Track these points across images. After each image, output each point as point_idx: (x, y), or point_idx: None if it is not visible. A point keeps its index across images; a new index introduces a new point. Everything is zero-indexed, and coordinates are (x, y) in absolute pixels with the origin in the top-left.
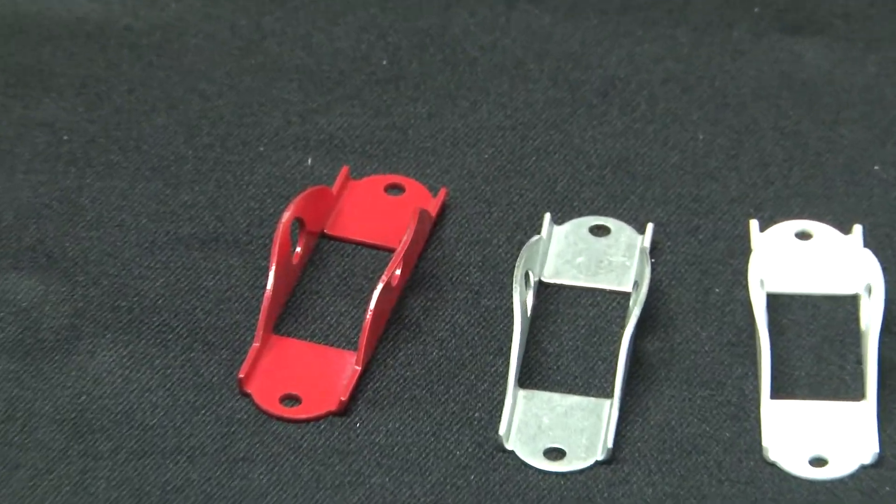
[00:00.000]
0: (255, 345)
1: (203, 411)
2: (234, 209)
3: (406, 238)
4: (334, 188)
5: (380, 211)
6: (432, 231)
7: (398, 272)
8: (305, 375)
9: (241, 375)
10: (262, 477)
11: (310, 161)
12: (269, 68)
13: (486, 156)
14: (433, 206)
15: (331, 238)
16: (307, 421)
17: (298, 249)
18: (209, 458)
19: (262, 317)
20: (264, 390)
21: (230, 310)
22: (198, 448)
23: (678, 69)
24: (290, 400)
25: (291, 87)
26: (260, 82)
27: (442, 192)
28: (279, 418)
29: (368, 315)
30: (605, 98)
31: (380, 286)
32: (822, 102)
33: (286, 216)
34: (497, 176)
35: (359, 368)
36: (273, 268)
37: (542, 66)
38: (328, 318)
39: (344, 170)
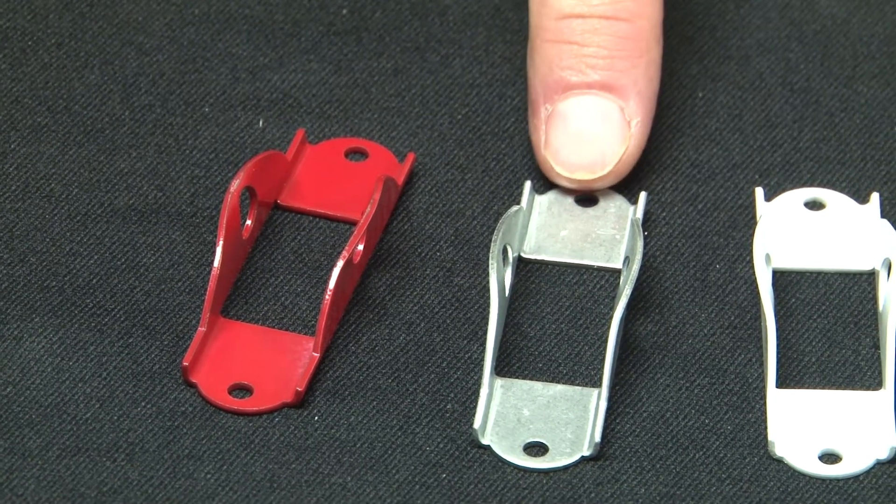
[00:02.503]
0: (201, 329)
1: (143, 403)
2: (177, 177)
3: (369, 209)
4: (289, 153)
5: (340, 179)
6: (399, 201)
7: (361, 247)
8: (257, 363)
9: (186, 363)
10: (209, 476)
11: (261, 123)
12: (215, 19)
13: (460, 116)
14: (400, 174)
15: (285, 209)
16: (260, 414)
17: (249, 222)
18: (150, 455)
19: (208, 298)
20: (212, 380)
21: (173, 290)
22: (137, 444)
23: (675, 17)
24: (241, 390)
25: (240, 40)
26: (204, 34)
27: (409, 158)
28: (228, 411)
29: (327, 296)
30: None
31: (340, 263)
32: (837, 55)
33: (235, 185)
34: (471, 139)
35: (317, 355)
36: (220, 243)
37: (522, 14)
38: (282, 298)
39: (299, 133)
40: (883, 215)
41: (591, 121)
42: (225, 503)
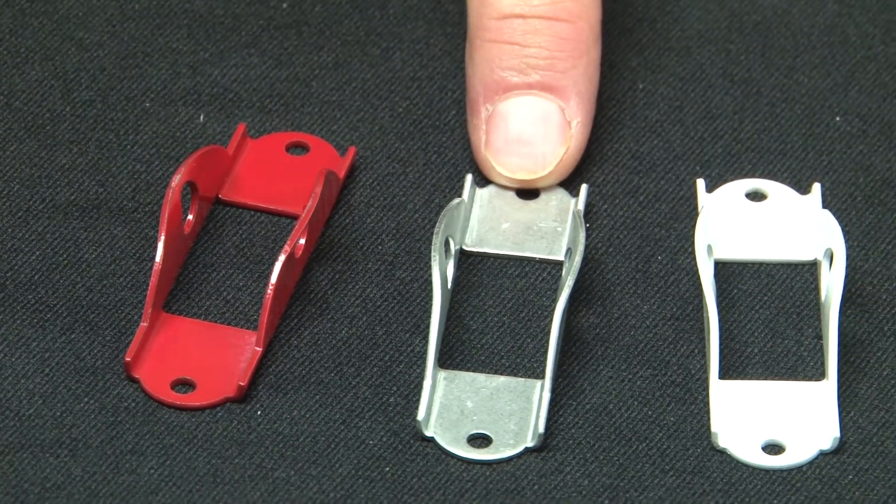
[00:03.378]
0: (143, 324)
1: (86, 399)
2: (118, 173)
3: (311, 203)
4: (229, 148)
5: (281, 173)
6: (340, 195)
7: (302, 241)
8: (200, 358)
9: (128, 359)
10: (152, 471)
11: (202, 118)
12: (155, 14)
13: (401, 110)
14: (341, 167)
15: (226, 204)
16: (202, 409)
17: (190, 217)
18: (93, 451)
19: (150, 293)
20: (154, 375)
21: (115, 286)
22: (80, 440)
23: (614, 10)
24: (183, 385)
25: (180, 35)
26: (144, 29)
27: (350, 152)
28: (171, 406)
29: (269, 290)
30: None
31: (282, 257)
32: (777, 46)
33: (176, 180)
34: (412, 132)
35: (259, 349)
36: (162, 238)
37: (462, 7)
38: (224, 293)
39: (240, 127)
40: (824, 205)
41: (531, 122)
42: (168, 498)
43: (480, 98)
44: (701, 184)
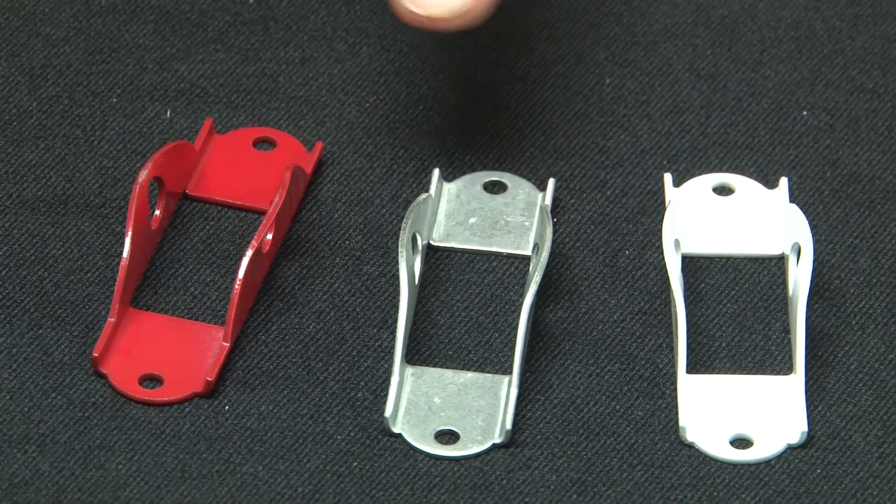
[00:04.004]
0: (111, 320)
1: (53, 395)
2: (85, 168)
3: (278, 198)
4: (196, 143)
5: (248, 168)
6: (308, 190)
7: (269, 236)
8: (167, 353)
9: (96, 354)
10: (120, 466)
11: (168, 113)
12: (121, 9)
13: (368, 105)
14: (308, 162)
15: (193, 199)
16: (170, 404)
17: (157, 212)
18: (61, 446)
19: (117, 289)
20: (122, 371)
21: (82, 281)
22: (48, 435)
23: (581, 5)
24: (151, 381)
25: (146, 31)
26: (111, 25)
27: (318, 147)
28: (139, 401)
29: (237, 285)
30: (500, 38)
31: (249, 252)
32: (744, 40)
33: (143, 175)
34: (379, 127)
35: (227, 345)
36: (129, 234)
37: None
38: (192, 289)
39: (207, 123)
40: (792, 199)
41: None
42: (136, 493)
43: None
44: (668, 178)
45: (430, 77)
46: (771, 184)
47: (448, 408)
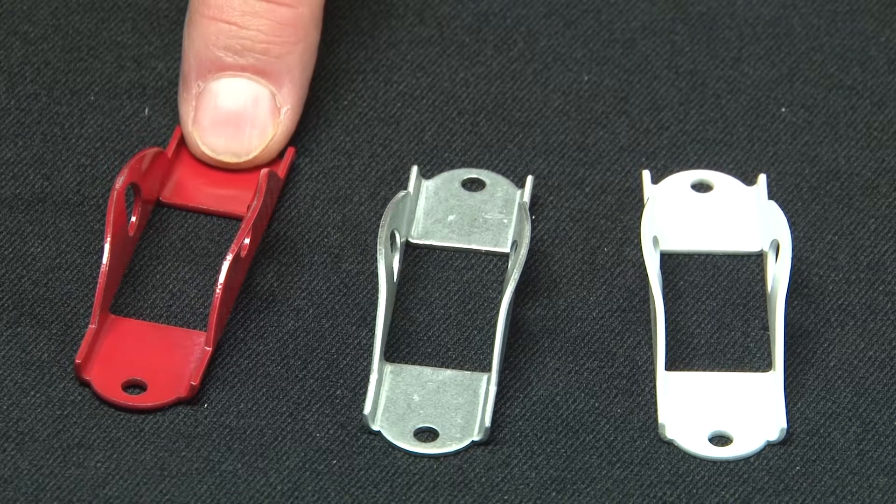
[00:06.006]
0: (92, 327)
1: (32, 393)
2: (63, 166)
3: (255, 204)
4: (168, 149)
5: (221, 173)
6: (285, 188)
7: (247, 241)
8: (150, 359)
9: (78, 361)
10: (99, 465)
11: (147, 111)
12: (100, 7)
13: (345, 102)
14: (281, 168)
15: (168, 206)
16: (155, 409)
17: (134, 219)
18: (40, 444)
19: (97, 296)
20: (105, 377)
21: (61, 279)
22: (27, 434)
23: (559, 1)
24: (135, 387)
25: (125, 28)
26: (89, 23)
27: (289, 153)
28: (124, 408)
29: (218, 291)
30: (478, 35)
31: (229, 257)
32: (722, 37)
33: (120, 181)
34: (357, 125)
35: (209, 349)
36: (108, 240)
37: (409, 0)
38: (172, 294)
39: (178, 130)
40: (770, 196)
41: (241, 104)
42: (115, 492)
43: (193, 73)
44: (646, 175)
45: (407, 75)
46: (749, 180)
47: (427, 405)
